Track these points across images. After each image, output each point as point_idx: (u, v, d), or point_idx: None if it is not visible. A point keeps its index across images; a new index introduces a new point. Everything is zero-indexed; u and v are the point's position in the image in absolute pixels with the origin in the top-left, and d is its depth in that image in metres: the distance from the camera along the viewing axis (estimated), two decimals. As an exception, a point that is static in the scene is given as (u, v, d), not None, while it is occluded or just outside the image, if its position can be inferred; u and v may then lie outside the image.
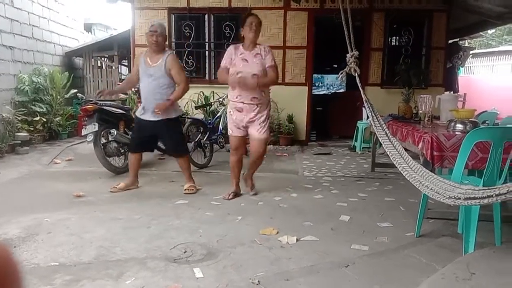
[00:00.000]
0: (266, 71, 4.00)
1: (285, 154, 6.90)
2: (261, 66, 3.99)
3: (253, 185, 4.45)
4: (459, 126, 3.39)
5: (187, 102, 7.41)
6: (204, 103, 7.30)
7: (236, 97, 4.04)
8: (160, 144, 5.03)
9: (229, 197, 4.18)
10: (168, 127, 4.34)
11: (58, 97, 7.83)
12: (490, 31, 17.48)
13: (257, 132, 4.08)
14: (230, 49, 4.10)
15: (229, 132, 4.22)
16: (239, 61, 4.02)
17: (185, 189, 4.40)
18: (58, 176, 5.21)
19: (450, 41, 8.47)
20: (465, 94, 4.83)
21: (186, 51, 7.81)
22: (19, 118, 7.06)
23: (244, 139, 4.25)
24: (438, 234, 3.26)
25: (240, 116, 4.07)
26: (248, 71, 3.96)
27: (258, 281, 2.45)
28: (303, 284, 2.45)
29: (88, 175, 5.16)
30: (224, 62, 4.10)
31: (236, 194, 4.29)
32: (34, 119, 7.29)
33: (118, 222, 3.47)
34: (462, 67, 10.58)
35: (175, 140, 4.49)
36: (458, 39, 9.56)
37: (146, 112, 4.31)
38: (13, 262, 0.51)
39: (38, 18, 8.19)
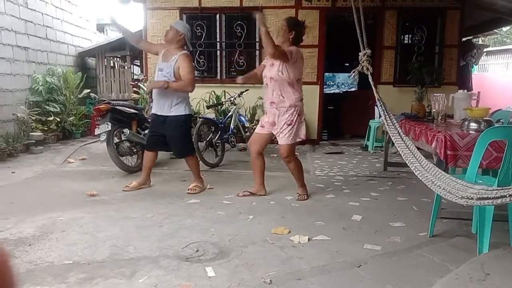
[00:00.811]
0: (282, 73, 3.94)
1: (296, 153, 6.87)
2: (277, 69, 3.94)
3: (303, 191, 4.28)
4: (473, 125, 3.35)
5: (199, 102, 7.44)
6: (215, 102, 7.33)
7: (264, 97, 4.21)
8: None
9: (240, 195, 4.24)
10: (175, 127, 4.32)
11: (72, 97, 7.92)
12: (504, 29, 17.24)
13: (280, 138, 4.09)
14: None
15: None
16: (267, 64, 4.10)
17: (188, 188, 4.41)
18: (71, 175, 5.27)
19: (464, 39, 8.36)
20: (479, 92, 4.78)
21: (198, 51, 7.84)
22: (33, 118, 7.15)
23: (262, 138, 4.22)
24: (452, 234, 3.23)
25: (266, 119, 4.15)
26: (268, 74, 4.02)
27: (270, 281, 2.45)
28: (315, 283, 2.45)
29: (101, 174, 5.22)
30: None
31: (252, 194, 4.27)
32: (48, 119, 7.39)
33: (131, 221, 3.50)
34: (476, 65, 10.42)
35: (184, 141, 4.47)
36: (471, 37, 9.45)
37: (155, 106, 4.40)
38: (7, 265, 0.51)
39: (52, 19, 8.29)
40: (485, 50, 10.62)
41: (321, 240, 3.10)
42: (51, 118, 7.41)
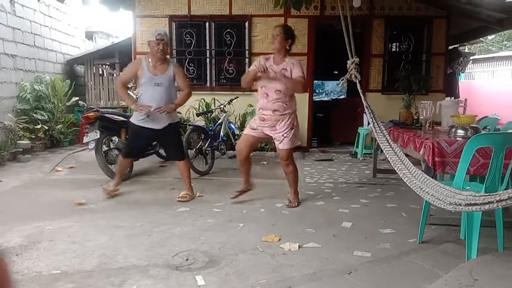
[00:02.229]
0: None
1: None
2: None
3: (294, 198, 4.30)
4: (460, 132, 3.39)
5: (188, 109, 7.42)
6: (205, 110, 7.32)
7: (259, 110, 4.09)
8: (161, 151, 5.02)
9: (234, 196, 4.30)
10: (172, 133, 4.40)
11: (60, 104, 7.85)
12: (490, 37, 17.56)
13: (279, 143, 4.11)
14: (264, 57, 4.15)
15: (244, 131, 4.31)
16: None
17: (179, 196, 4.39)
18: (59, 183, 5.21)
19: (450, 47, 8.49)
20: (466, 99, 4.84)
21: (187, 59, 7.84)
22: (21, 126, 7.07)
23: (254, 140, 4.23)
24: (441, 240, 3.25)
25: (262, 124, 4.09)
26: (271, 86, 3.98)
27: (261, 289, 2.44)
28: (306, 291, 2.44)
29: (89, 183, 5.16)
30: (252, 67, 4.04)
31: (242, 192, 4.37)
32: (36, 127, 7.30)
33: (120, 230, 3.47)
34: (462, 72, 10.59)
35: (179, 145, 4.57)
36: (458, 45, 9.58)
37: (151, 121, 4.25)
38: (2, 264, 0.50)
39: (40, 27, 8.23)
40: (471, 58, 10.80)
41: (311, 248, 3.10)
42: (39, 126, 7.32)
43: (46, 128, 7.49)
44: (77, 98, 8.21)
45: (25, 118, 7.27)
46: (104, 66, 10.03)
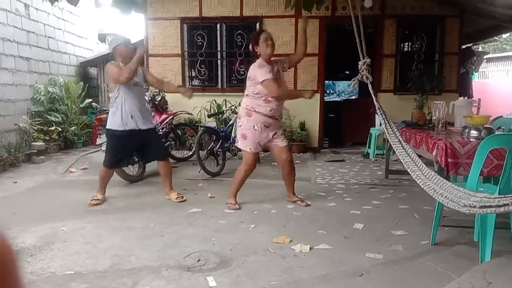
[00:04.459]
0: None
1: (297, 161, 6.87)
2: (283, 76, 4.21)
3: (299, 197, 4.41)
4: (474, 133, 3.35)
5: (200, 110, 7.46)
6: (216, 111, 7.34)
7: (270, 111, 4.01)
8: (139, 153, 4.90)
9: (238, 207, 4.17)
10: (156, 133, 4.53)
11: (73, 106, 7.95)
12: (504, 35, 17.28)
13: (282, 142, 4.16)
14: (262, 62, 3.97)
15: (248, 149, 4.09)
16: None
17: (176, 198, 4.41)
18: (73, 185, 5.28)
19: (464, 46, 8.39)
20: (479, 99, 4.79)
21: (199, 60, 7.88)
22: (35, 128, 7.18)
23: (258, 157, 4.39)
24: (454, 242, 3.22)
25: (266, 132, 4.08)
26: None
27: (272, 290, 2.44)
28: (317, 293, 2.44)
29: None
30: (270, 75, 3.91)
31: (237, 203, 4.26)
32: (50, 128, 7.41)
33: (133, 231, 3.50)
34: (476, 72, 10.46)
35: (163, 144, 4.74)
36: (471, 44, 9.47)
37: (135, 122, 4.27)
38: (9, 250, 0.49)
39: (54, 30, 8.35)
40: (485, 57, 10.66)
41: (322, 249, 3.10)
42: (52, 128, 7.43)
43: (60, 129, 7.60)
44: (90, 100, 8.32)
45: (39, 120, 7.38)
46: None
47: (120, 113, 4.21)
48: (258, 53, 4.03)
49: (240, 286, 2.51)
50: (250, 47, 4.15)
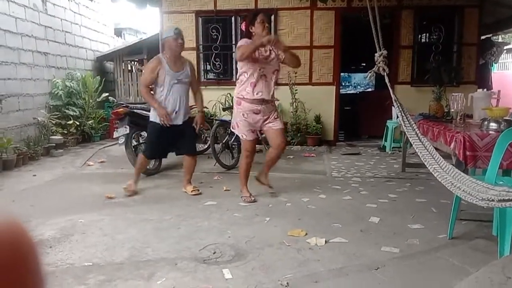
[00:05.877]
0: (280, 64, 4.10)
1: (312, 154, 6.86)
2: (278, 61, 4.04)
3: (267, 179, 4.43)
4: (493, 125, 3.29)
5: (215, 104, 7.48)
6: (231, 104, 7.34)
7: (257, 93, 3.94)
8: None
9: (253, 199, 4.17)
10: (190, 127, 4.50)
11: (91, 100, 8.05)
12: (525, 25, 16.84)
13: (276, 124, 4.09)
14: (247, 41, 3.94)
15: (243, 137, 4.12)
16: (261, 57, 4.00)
17: (192, 191, 4.45)
18: (91, 178, 5.36)
19: (483, 37, 8.22)
20: (499, 91, 4.68)
21: (213, 54, 7.88)
22: (54, 122, 7.29)
23: (256, 142, 4.29)
24: (472, 236, 3.18)
25: (256, 118, 4.04)
26: (269, 67, 3.99)
27: (287, 283, 2.45)
28: (332, 286, 2.44)
29: (120, 177, 5.26)
30: (245, 43, 3.89)
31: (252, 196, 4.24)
32: (68, 122, 7.52)
33: (149, 223, 3.54)
34: (495, 63, 10.24)
35: (194, 139, 4.76)
36: (491, 35, 9.27)
37: (177, 117, 4.37)
38: (28, 239, 0.48)
39: (71, 25, 8.44)
40: (505, 48, 10.42)
41: (338, 243, 3.09)
42: (70, 122, 7.54)
43: (78, 123, 7.71)
44: (107, 94, 8.40)
45: (58, 114, 7.49)
46: (132, 62, 10.20)
47: (170, 107, 4.34)
48: (253, 34, 3.97)
49: (255, 279, 2.52)
50: (244, 27, 4.07)
